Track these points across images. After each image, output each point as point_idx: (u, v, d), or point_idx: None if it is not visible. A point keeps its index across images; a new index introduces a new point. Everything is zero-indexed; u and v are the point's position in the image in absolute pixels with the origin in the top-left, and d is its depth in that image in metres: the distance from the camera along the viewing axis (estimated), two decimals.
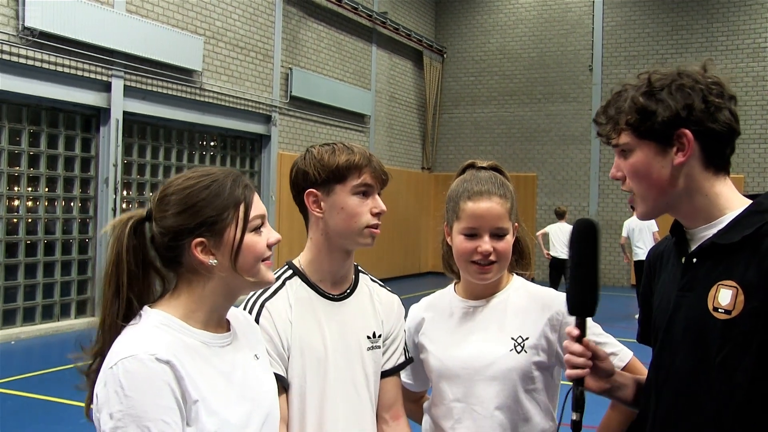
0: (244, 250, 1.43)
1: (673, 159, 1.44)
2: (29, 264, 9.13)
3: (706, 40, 16.06)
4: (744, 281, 1.37)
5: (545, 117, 17.60)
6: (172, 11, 10.71)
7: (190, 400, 1.34)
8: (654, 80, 1.48)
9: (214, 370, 1.41)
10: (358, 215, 1.75)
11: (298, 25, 13.63)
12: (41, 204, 9.33)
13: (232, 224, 1.43)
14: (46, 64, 8.86)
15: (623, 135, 1.49)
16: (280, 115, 13.14)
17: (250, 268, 1.44)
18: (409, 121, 17.86)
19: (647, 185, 1.48)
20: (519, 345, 1.81)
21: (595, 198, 16.89)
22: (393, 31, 16.56)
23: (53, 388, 6.43)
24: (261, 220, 1.47)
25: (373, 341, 1.83)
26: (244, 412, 1.43)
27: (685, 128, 1.43)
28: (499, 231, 1.81)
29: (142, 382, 1.29)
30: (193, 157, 11.61)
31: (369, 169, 1.75)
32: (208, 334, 1.45)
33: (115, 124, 9.77)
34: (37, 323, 9.17)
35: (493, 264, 1.81)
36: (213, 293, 1.45)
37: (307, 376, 1.73)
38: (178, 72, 10.71)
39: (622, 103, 1.50)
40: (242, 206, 1.44)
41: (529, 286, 1.93)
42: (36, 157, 9.21)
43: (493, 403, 1.80)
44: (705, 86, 1.45)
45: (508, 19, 18.09)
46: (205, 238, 1.41)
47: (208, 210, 1.41)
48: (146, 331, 1.37)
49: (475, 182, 1.87)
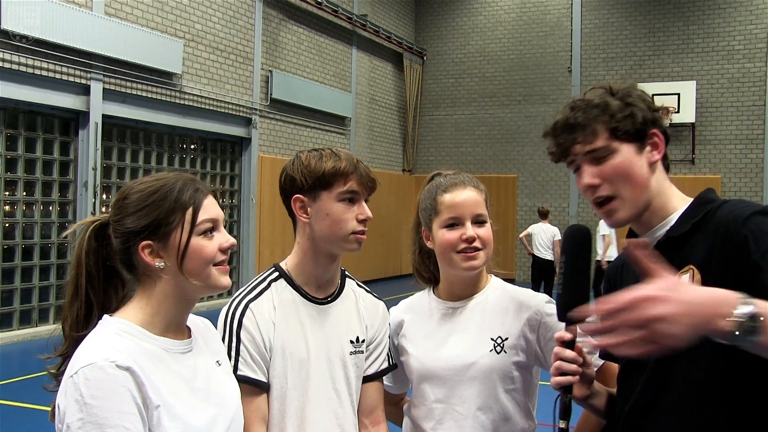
0: (190, 254, 1.44)
1: (649, 158, 1.52)
2: (6, 269, 9.03)
3: (682, 42, 16.27)
4: (698, 261, 1.41)
5: (525, 118, 17.72)
6: (151, 14, 10.65)
7: (152, 405, 1.34)
8: (615, 89, 1.56)
9: (175, 376, 1.42)
10: (343, 221, 1.76)
11: (278, 28, 13.61)
12: (19, 208, 9.23)
13: (178, 228, 1.43)
14: (24, 66, 8.77)
15: (599, 139, 1.50)
16: (261, 117, 13.11)
17: (199, 272, 1.45)
18: (389, 123, 17.90)
19: (632, 185, 1.50)
20: (498, 345, 1.83)
21: (576, 199, 17.03)
22: (373, 33, 16.59)
23: (32, 394, 6.36)
24: (211, 224, 1.47)
25: (356, 346, 1.84)
26: (208, 416, 1.44)
27: (656, 128, 1.53)
28: (480, 218, 1.85)
29: (102, 389, 1.29)
30: (173, 161, 11.55)
31: (355, 176, 1.76)
32: (168, 340, 1.45)
33: (95, 128, 9.69)
34: (15, 329, 9.07)
35: (479, 250, 1.82)
36: (166, 297, 1.45)
37: (289, 378, 1.74)
38: (157, 75, 10.65)
39: (591, 110, 1.52)
40: (190, 210, 1.45)
41: (507, 286, 1.94)
42: (13, 160, 9.12)
43: (475, 404, 1.81)
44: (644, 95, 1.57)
45: (488, 22, 18.20)
46: (152, 241, 1.43)
47: (155, 213, 1.43)
48: (105, 338, 1.37)
49: (447, 179, 1.91)
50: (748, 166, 15.87)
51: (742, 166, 15.91)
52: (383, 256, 16.06)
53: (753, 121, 15.79)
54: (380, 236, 15.62)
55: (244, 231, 12.97)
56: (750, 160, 15.85)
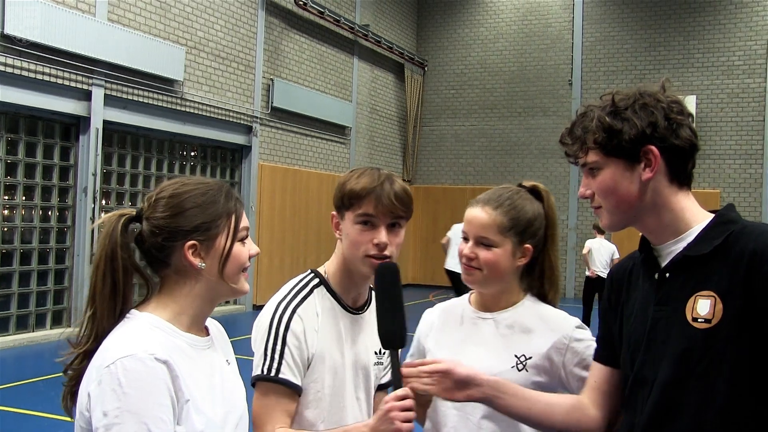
0: (231, 258, 1.50)
1: (641, 175, 1.50)
2: (4, 273, 9.01)
3: (682, 57, 16.34)
4: (720, 289, 1.41)
5: (525, 130, 17.76)
6: (154, 21, 10.68)
7: (183, 399, 1.38)
8: (617, 100, 1.53)
9: (199, 372, 1.47)
10: (356, 244, 1.77)
11: (280, 37, 13.65)
12: (18, 213, 9.22)
13: (223, 232, 1.49)
14: (26, 72, 8.79)
15: (591, 154, 1.54)
16: (261, 125, 13.13)
17: (233, 276, 1.51)
18: (389, 133, 17.93)
19: (616, 201, 1.52)
20: (521, 363, 1.84)
21: (575, 211, 17.05)
22: (375, 43, 16.64)
23: (28, 400, 6.34)
24: (246, 233, 1.55)
25: (379, 357, 1.90)
26: (222, 412, 1.49)
27: (651, 145, 1.48)
28: (484, 240, 1.85)
29: (140, 380, 1.32)
30: (173, 167, 11.55)
31: (371, 200, 1.74)
32: (193, 336, 1.50)
33: (95, 133, 9.70)
34: (12, 333, 9.04)
35: (476, 270, 1.85)
36: (198, 296, 1.50)
37: (326, 384, 1.78)
38: (159, 81, 10.67)
39: (588, 122, 1.54)
40: (234, 217, 1.51)
41: (540, 306, 1.94)
42: (14, 165, 9.12)
43: (486, 414, 1.82)
44: (666, 104, 1.50)
45: (489, 33, 18.27)
46: (198, 242, 1.47)
47: (204, 216, 1.48)
48: (141, 331, 1.41)
49: (488, 192, 1.96)
50: (747, 181, 15.90)
51: (741, 181, 15.94)
52: None
53: (752, 137, 15.84)
54: None
55: None
56: (749, 175, 15.88)
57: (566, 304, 14.27)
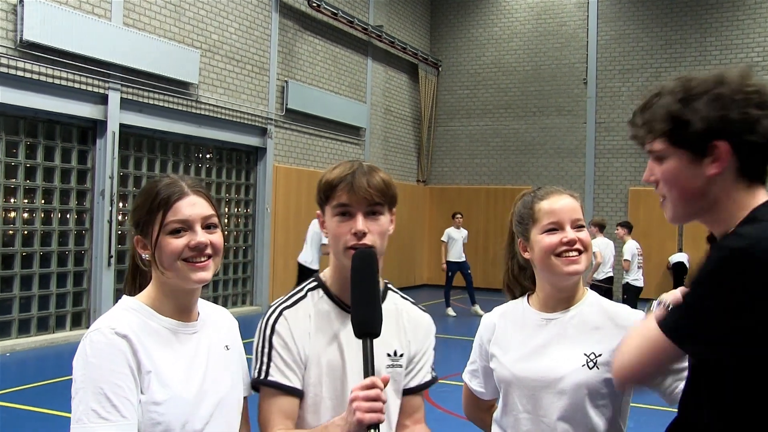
0: (159, 250, 1.61)
1: (706, 169, 1.41)
2: (25, 276, 9.12)
3: (699, 54, 16.20)
4: None
5: (540, 130, 17.70)
6: (168, 24, 10.77)
7: (144, 370, 1.53)
8: (691, 87, 1.43)
9: (174, 352, 1.61)
10: (337, 237, 1.73)
11: (293, 38, 13.70)
12: (37, 216, 9.33)
13: (155, 225, 1.61)
14: (44, 76, 8.89)
15: (657, 141, 1.47)
16: (276, 127, 13.19)
17: (169, 266, 1.60)
18: (404, 134, 17.93)
19: (677, 194, 1.47)
20: (591, 361, 1.83)
21: (590, 211, 16.96)
22: (388, 44, 16.66)
23: (48, 400, 6.41)
24: (180, 225, 1.61)
25: (394, 359, 1.82)
26: (197, 392, 1.60)
27: (721, 140, 1.39)
28: (579, 222, 1.89)
29: (101, 350, 1.50)
30: (189, 170, 11.63)
31: (343, 187, 1.70)
32: (173, 321, 1.64)
33: (112, 137, 9.79)
34: (33, 335, 9.15)
35: (581, 253, 1.86)
36: (163, 285, 1.64)
37: (324, 388, 1.75)
38: (174, 85, 10.76)
39: (657, 108, 1.46)
40: (161, 211, 1.61)
41: (603, 302, 1.94)
42: (33, 169, 9.22)
43: (561, 416, 1.82)
44: (744, 96, 1.40)
45: (503, 33, 18.22)
46: (140, 236, 1.65)
47: (141, 212, 1.64)
48: (115, 312, 1.61)
49: (542, 190, 1.95)
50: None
51: None
52: (397, 266, 16.06)
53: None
54: (394, 247, 15.60)
55: (258, 240, 13.01)
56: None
57: None
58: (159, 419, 1.52)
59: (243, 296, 12.90)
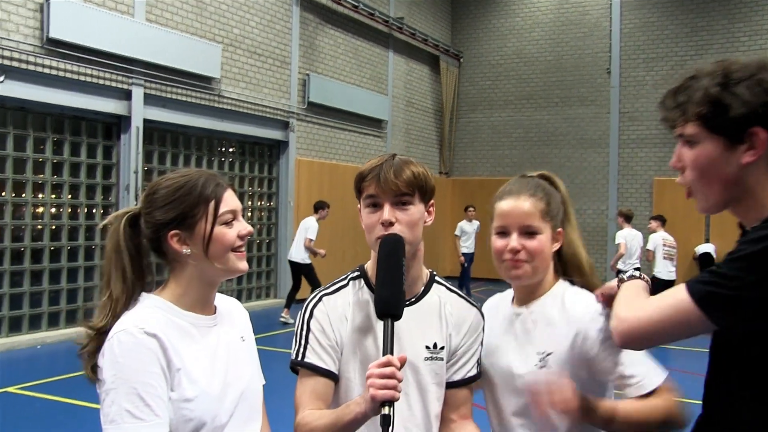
0: (213, 241, 1.62)
1: (741, 157, 1.36)
2: (54, 270, 9.27)
3: (727, 41, 15.93)
4: None
5: (563, 120, 17.56)
6: (190, 19, 10.83)
7: (174, 368, 1.54)
8: (732, 71, 1.37)
9: (198, 347, 1.62)
10: (369, 228, 1.75)
11: (315, 32, 13.72)
12: (65, 211, 9.46)
13: (203, 218, 1.61)
14: (69, 73, 9.00)
15: (690, 125, 1.41)
16: (298, 121, 13.23)
17: (220, 257, 1.63)
18: (426, 126, 17.90)
19: (707, 181, 1.41)
20: (542, 360, 1.79)
21: (614, 202, 16.81)
22: (409, 36, 16.61)
23: (78, 391, 6.52)
24: (231, 215, 1.65)
25: (433, 352, 1.81)
26: (221, 385, 1.62)
27: (759, 127, 1.34)
28: (528, 229, 1.80)
29: (131, 350, 1.50)
30: (212, 164, 11.72)
31: (373, 180, 1.73)
32: (194, 315, 1.65)
33: (136, 132, 9.89)
34: (62, 328, 9.30)
35: (524, 262, 1.80)
36: (194, 279, 1.65)
37: (356, 375, 1.77)
38: (196, 79, 10.83)
39: (694, 91, 1.40)
40: (212, 203, 1.62)
41: (568, 292, 1.86)
42: (59, 164, 9.35)
43: (518, 412, 1.82)
44: None
45: (525, 23, 18.08)
46: (180, 230, 1.62)
47: (182, 206, 1.61)
48: (139, 311, 1.60)
49: (508, 185, 1.92)
50: None
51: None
52: None
53: None
54: None
55: (281, 233, 13.08)
56: None
57: None
58: (191, 415, 1.55)
59: (267, 289, 12.98)
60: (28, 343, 8.67)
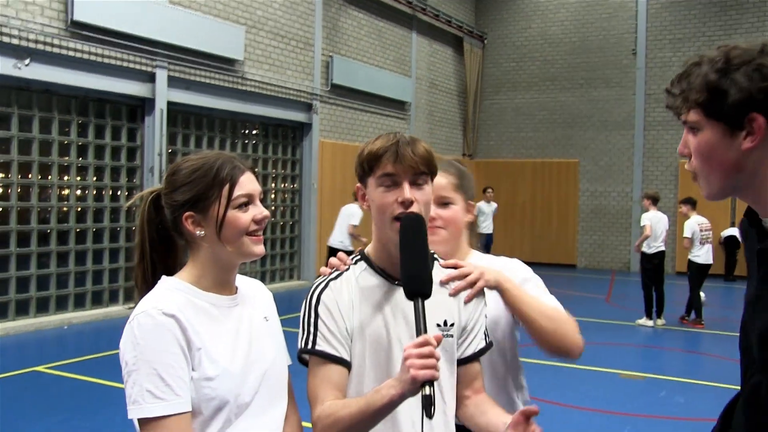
0: (226, 224, 1.62)
1: (741, 143, 1.36)
2: (79, 251, 9.39)
3: (757, 20, 15.60)
4: None
5: (587, 102, 17.36)
6: (214, 1, 10.84)
7: (194, 347, 1.56)
8: (732, 56, 1.36)
9: (219, 326, 1.63)
10: (382, 208, 1.72)
11: (338, 13, 13.65)
12: (90, 193, 9.57)
13: (216, 201, 1.62)
14: (93, 56, 9.06)
15: (692, 112, 1.41)
16: (321, 103, 13.22)
17: (233, 241, 1.62)
18: (449, 108, 17.79)
19: (710, 167, 1.41)
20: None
21: (639, 184, 16.62)
22: (433, 17, 16.48)
23: (105, 371, 6.63)
24: (246, 199, 1.64)
25: (444, 329, 1.80)
26: (243, 363, 1.63)
27: (758, 112, 1.33)
28: (443, 200, 2.04)
29: (151, 332, 1.52)
30: (235, 146, 11.77)
31: (389, 158, 1.70)
32: (215, 296, 1.66)
33: (160, 114, 9.95)
34: (88, 309, 9.44)
35: (440, 228, 2.03)
36: (210, 261, 1.66)
37: (367, 360, 1.74)
38: (220, 62, 10.85)
39: (695, 78, 1.40)
40: (227, 186, 1.62)
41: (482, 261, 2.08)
42: (84, 147, 9.45)
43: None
44: None
45: (550, 4, 17.85)
46: (194, 212, 1.63)
47: (197, 188, 1.62)
48: (159, 292, 1.61)
49: None
50: None
51: None
52: None
53: None
54: None
55: (305, 215, 13.13)
56: None
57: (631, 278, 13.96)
58: (212, 394, 1.55)
59: (290, 271, 13.06)
60: (55, 323, 8.82)
